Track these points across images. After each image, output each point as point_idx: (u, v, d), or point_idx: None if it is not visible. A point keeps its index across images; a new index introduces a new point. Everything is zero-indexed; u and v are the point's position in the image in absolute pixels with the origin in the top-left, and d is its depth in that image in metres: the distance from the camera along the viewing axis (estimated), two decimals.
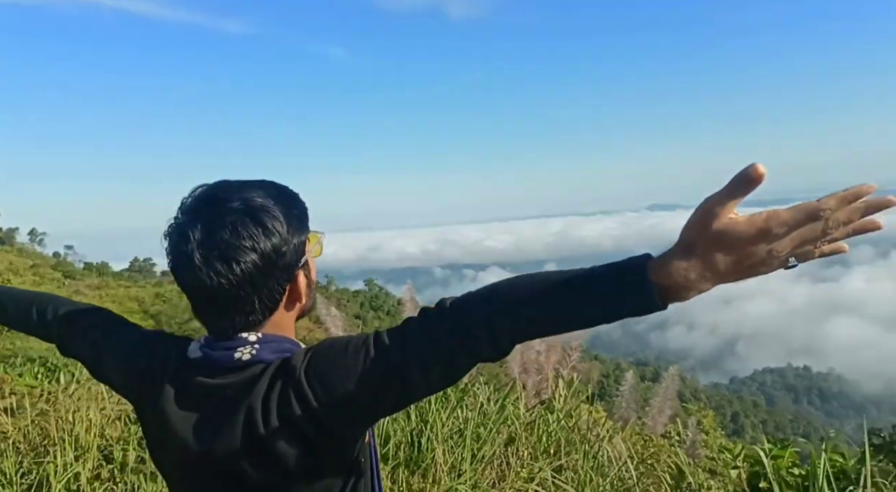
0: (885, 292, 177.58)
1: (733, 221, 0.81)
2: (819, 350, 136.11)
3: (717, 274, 0.83)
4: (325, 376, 0.99)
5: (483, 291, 0.99)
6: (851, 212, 0.80)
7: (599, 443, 3.91)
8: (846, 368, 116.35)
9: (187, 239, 0.99)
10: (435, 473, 3.46)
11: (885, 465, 3.38)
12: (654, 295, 0.85)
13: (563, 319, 0.93)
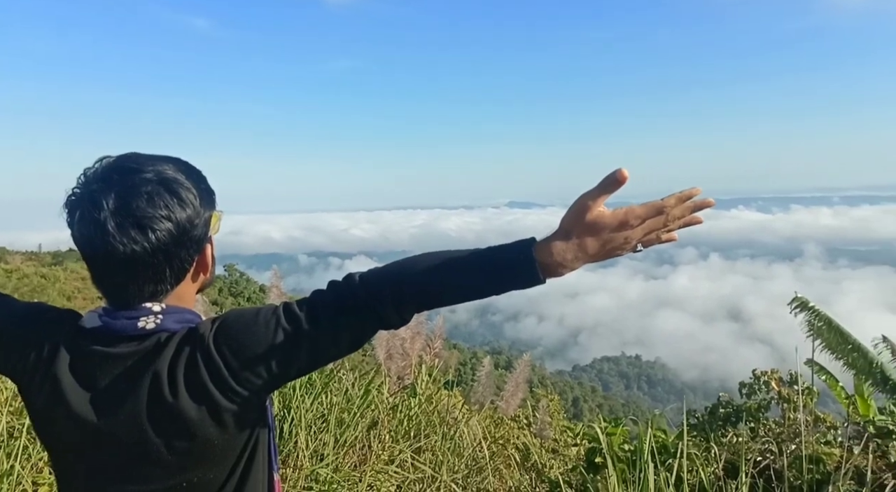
0: (704, 290, 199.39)
1: (601, 213, 1.02)
2: (649, 341, 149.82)
3: (587, 255, 1.05)
4: (235, 342, 1.03)
5: (390, 265, 1.11)
6: (684, 209, 1.06)
7: (457, 425, 4.12)
8: (670, 357, 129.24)
9: (99, 207, 0.99)
10: (297, 458, 3.47)
11: (698, 440, 3.89)
12: (537, 270, 1.04)
13: (461, 290, 1.08)
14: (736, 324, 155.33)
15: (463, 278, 1.07)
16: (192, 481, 1.07)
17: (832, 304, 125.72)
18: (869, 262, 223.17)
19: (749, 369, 4.55)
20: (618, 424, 3.96)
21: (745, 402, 4.50)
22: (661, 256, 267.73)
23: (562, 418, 6.33)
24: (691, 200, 1.05)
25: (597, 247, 1.04)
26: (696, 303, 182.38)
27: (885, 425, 3.66)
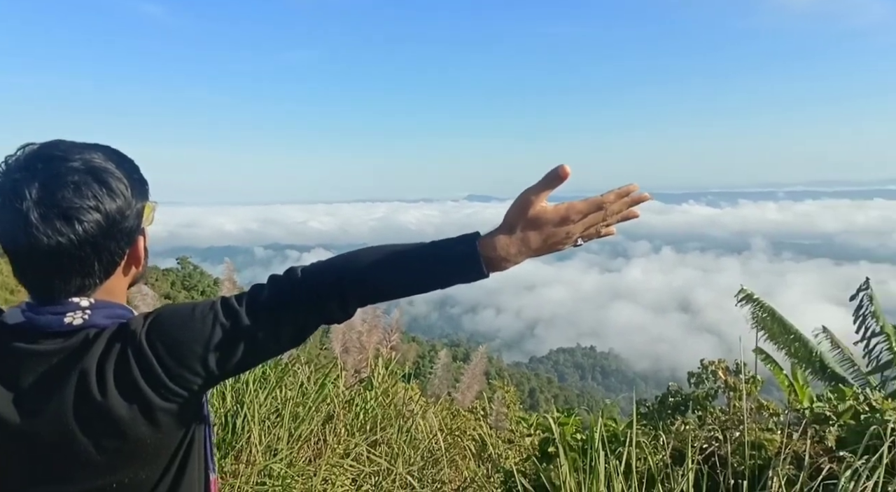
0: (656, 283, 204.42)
1: (544, 208, 1.05)
2: (603, 332, 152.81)
3: (530, 249, 1.07)
4: (169, 338, 0.99)
5: (333, 259, 1.10)
6: (622, 204, 1.10)
7: (413, 418, 4.14)
8: (623, 348, 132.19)
9: (21, 196, 0.94)
10: (250, 454, 3.43)
11: (647, 429, 3.99)
12: (482, 264, 1.05)
13: (404, 284, 1.09)
14: (686, 315, 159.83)
15: (407, 272, 1.08)
16: (123, 482, 1.03)
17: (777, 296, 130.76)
18: (811, 255, 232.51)
19: (698, 359, 4.68)
20: (570, 414, 4.03)
21: (694, 391, 4.63)
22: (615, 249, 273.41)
23: (518, 408, 6.41)
24: (629, 196, 1.10)
25: (539, 241, 1.06)
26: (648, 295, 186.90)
27: (823, 411, 3.83)
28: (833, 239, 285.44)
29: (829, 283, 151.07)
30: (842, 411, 3.81)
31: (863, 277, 6.18)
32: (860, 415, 3.78)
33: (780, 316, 6.09)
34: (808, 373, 5.83)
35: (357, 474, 3.57)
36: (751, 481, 2.95)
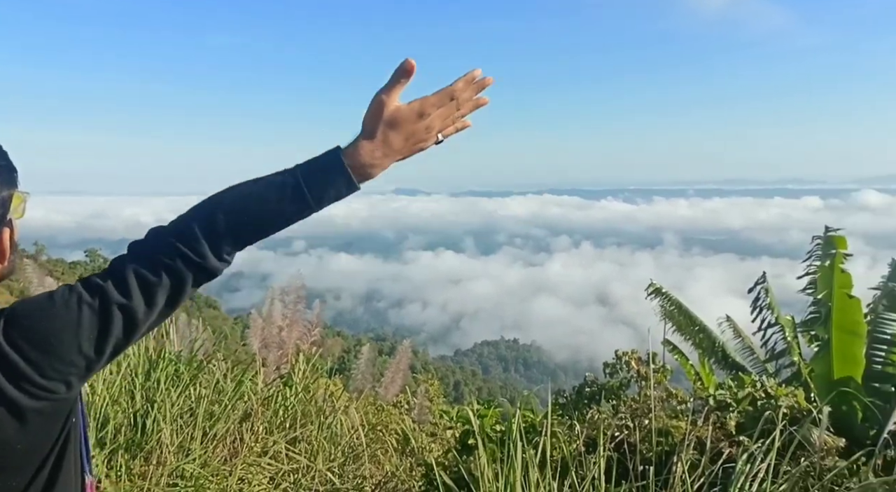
0: (576, 277, 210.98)
1: (398, 107, 1.06)
2: (526, 325, 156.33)
3: (394, 151, 1.08)
4: (31, 332, 0.91)
5: (190, 209, 1.04)
6: (471, 91, 1.12)
7: (334, 414, 4.10)
8: (545, 340, 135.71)
9: None
10: (160, 454, 3.30)
11: (563, 419, 4.12)
12: (349, 172, 1.04)
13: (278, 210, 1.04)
14: (604, 308, 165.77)
15: (278, 196, 1.03)
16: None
17: (686, 288, 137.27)
18: (718, 250, 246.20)
19: (614, 350, 4.88)
20: (491, 406, 4.11)
21: (608, 381, 4.83)
22: (538, 244, 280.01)
23: (441, 402, 6.47)
24: (475, 82, 1.11)
25: (401, 141, 1.07)
26: (569, 288, 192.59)
27: (724, 398, 4.08)
28: (738, 235, 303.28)
29: (734, 276, 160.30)
30: (741, 398, 4.07)
31: (767, 271, 6.60)
32: (757, 401, 4.06)
33: (687, 308, 6.43)
34: (712, 362, 6.19)
35: (275, 473, 3.50)
36: (657, 467, 3.10)
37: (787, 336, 5.86)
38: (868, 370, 5.31)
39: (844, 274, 5.40)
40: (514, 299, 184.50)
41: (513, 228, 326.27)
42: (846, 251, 5.47)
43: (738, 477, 2.77)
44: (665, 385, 4.57)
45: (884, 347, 5.44)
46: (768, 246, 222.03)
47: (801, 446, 3.25)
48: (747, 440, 3.25)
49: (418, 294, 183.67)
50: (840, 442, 3.60)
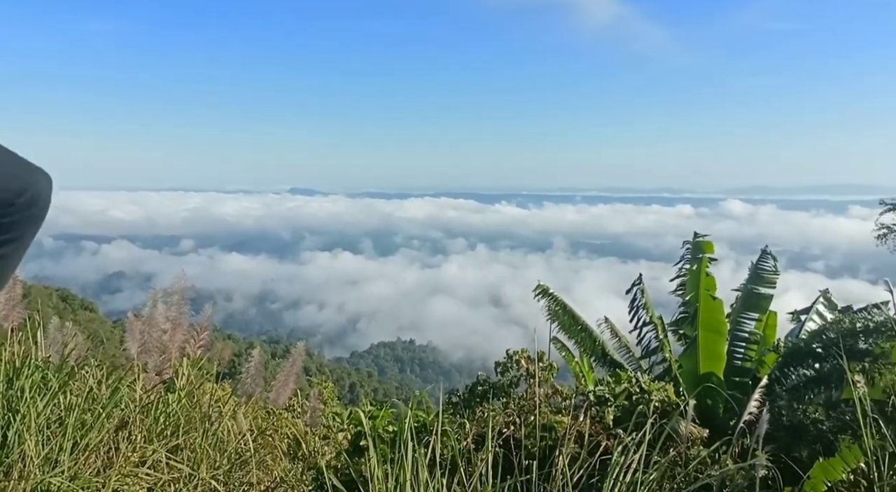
0: (471, 278, 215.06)
1: None
2: (422, 326, 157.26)
3: None
4: None
5: None
6: None
7: (221, 420, 3.95)
8: (440, 340, 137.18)
9: None
10: (23, 468, 3.04)
11: (454, 417, 4.22)
12: None
13: None
14: (497, 309, 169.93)
15: None
16: None
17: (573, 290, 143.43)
18: (602, 253, 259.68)
19: (505, 350, 5.04)
20: (383, 406, 4.13)
21: (499, 379, 4.99)
22: (435, 246, 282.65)
23: (335, 404, 6.40)
24: None
25: None
26: (464, 290, 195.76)
27: (603, 394, 4.33)
28: (620, 239, 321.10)
29: (616, 278, 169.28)
30: (618, 393, 4.34)
31: (644, 274, 7.08)
32: (633, 396, 4.35)
33: (571, 308, 6.76)
34: (593, 360, 6.56)
35: (154, 483, 3.33)
36: (541, 461, 3.24)
37: (660, 334, 6.32)
38: (729, 366, 5.83)
39: (709, 277, 5.89)
40: (411, 301, 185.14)
41: (410, 230, 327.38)
42: (712, 255, 5.98)
43: (613, 468, 2.95)
44: (552, 382, 4.79)
45: (743, 344, 6.00)
46: (646, 250, 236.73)
47: (670, 437, 3.52)
48: (623, 433, 3.47)
49: (315, 295, 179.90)
50: (704, 432, 3.93)
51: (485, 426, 3.63)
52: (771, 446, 3.57)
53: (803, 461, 4.18)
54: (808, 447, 4.18)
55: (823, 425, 4.25)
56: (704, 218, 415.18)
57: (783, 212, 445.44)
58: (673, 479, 3.26)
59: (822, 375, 5.09)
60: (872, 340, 4.76)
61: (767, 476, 3.31)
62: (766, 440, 3.38)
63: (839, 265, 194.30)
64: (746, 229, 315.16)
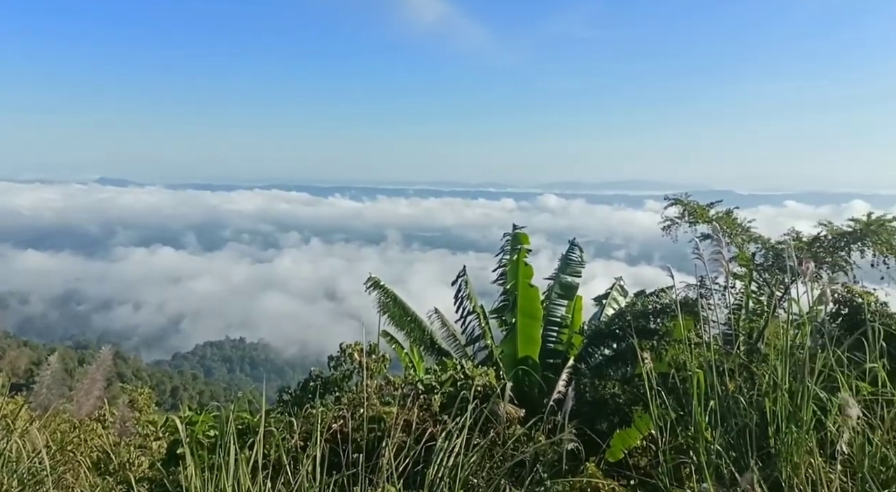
0: (306, 272, 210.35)
1: None
2: (253, 322, 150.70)
3: None
4: None
5: None
6: None
7: (9, 437, 3.50)
8: (273, 337, 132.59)
9: None
10: None
11: (281, 416, 4.12)
12: None
13: None
14: (332, 302, 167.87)
15: None
16: None
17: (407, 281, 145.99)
18: (433, 245, 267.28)
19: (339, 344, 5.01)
20: (204, 410, 3.92)
21: (333, 373, 4.96)
22: (267, 240, 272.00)
23: (153, 411, 5.94)
24: None
25: None
26: (298, 284, 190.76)
27: (430, 382, 4.49)
28: (450, 232, 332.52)
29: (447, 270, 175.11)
30: (444, 380, 4.52)
31: (472, 265, 7.42)
32: (457, 382, 4.55)
33: (402, 300, 6.91)
34: (423, 350, 6.76)
35: None
36: (369, 453, 3.28)
37: (483, 322, 6.68)
38: (543, 349, 6.32)
39: (527, 266, 6.33)
40: (241, 297, 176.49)
41: (239, 224, 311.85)
42: (528, 246, 6.43)
43: (437, 453, 3.08)
44: (384, 373, 4.86)
45: (555, 328, 6.53)
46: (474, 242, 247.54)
47: (492, 419, 3.74)
48: (448, 419, 3.62)
49: (130, 295, 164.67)
50: (521, 412, 4.22)
51: (312, 423, 3.59)
52: (576, 420, 3.93)
53: (605, 432, 4.67)
54: (608, 420, 4.68)
55: (620, 398, 4.78)
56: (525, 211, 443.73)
57: (591, 205, 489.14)
58: (492, 458, 3.48)
59: (618, 353, 5.72)
60: (660, 320, 5.44)
61: (574, 449, 3.64)
62: (573, 416, 3.72)
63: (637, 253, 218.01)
64: (560, 221, 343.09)
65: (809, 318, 3.27)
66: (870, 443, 2.80)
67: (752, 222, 5.93)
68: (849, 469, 2.69)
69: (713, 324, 4.07)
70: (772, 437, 2.90)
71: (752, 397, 3.19)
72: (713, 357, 3.25)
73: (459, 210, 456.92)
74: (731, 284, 5.26)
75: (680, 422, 3.32)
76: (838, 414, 2.65)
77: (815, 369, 2.96)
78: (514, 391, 4.45)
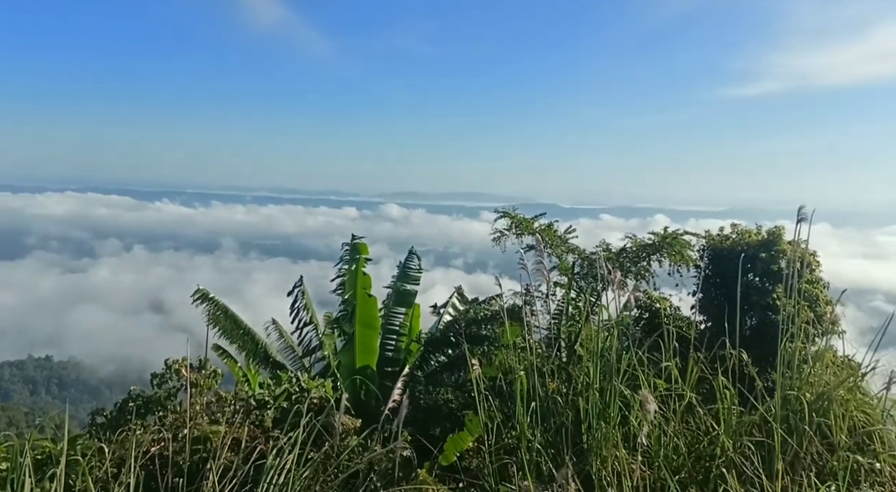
0: (128, 282, 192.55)
1: None
2: (63, 339, 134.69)
3: None
4: None
5: None
6: None
7: None
8: (86, 354, 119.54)
9: None
10: None
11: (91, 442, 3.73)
12: None
13: None
14: (159, 315, 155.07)
15: None
16: None
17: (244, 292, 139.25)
18: (273, 254, 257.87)
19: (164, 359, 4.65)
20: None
21: (156, 392, 4.58)
22: (80, 248, 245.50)
23: None
24: None
25: None
26: (118, 296, 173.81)
27: (263, 397, 4.33)
28: (291, 239, 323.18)
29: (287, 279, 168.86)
30: (278, 395, 4.38)
31: (314, 274, 7.26)
32: (293, 396, 4.43)
33: (233, 313, 6.59)
34: (257, 363, 6.50)
35: None
36: (192, 476, 3.09)
37: (320, 333, 6.58)
38: (382, 358, 6.36)
39: (365, 276, 6.35)
40: (48, 311, 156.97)
41: (47, 230, 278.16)
42: (367, 256, 6.45)
43: (267, 472, 2.97)
44: (216, 389, 4.58)
45: (394, 337, 6.60)
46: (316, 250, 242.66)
47: (328, 432, 3.68)
48: (281, 434, 3.51)
49: None
50: (357, 423, 4.20)
51: (127, 447, 3.30)
52: (410, 427, 4.00)
53: (438, 437, 4.79)
54: (441, 424, 4.82)
55: (453, 403, 4.95)
56: (368, 219, 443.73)
57: (431, 215, 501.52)
58: (326, 471, 3.43)
59: (452, 360, 5.92)
60: (490, 326, 5.72)
61: (409, 456, 3.70)
62: (408, 423, 3.78)
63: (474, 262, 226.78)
64: (402, 230, 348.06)
65: (617, 322, 3.62)
66: (665, 434, 3.17)
67: (573, 234, 6.46)
68: (647, 459, 3.02)
69: (536, 329, 4.36)
70: (585, 433, 3.17)
71: (569, 397, 3.47)
72: (535, 360, 3.48)
73: (300, 218, 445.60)
74: (552, 292, 5.68)
75: (506, 423, 3.52)
76: (639, 409, 2.96)
77: (620, 369, 3.29)
78: (351, 402, 4.43)
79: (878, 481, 3.06)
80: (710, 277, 5.90)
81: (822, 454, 3.11)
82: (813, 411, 3.18)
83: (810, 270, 5.51)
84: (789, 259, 4.65)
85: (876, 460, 3.12)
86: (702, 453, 3.19)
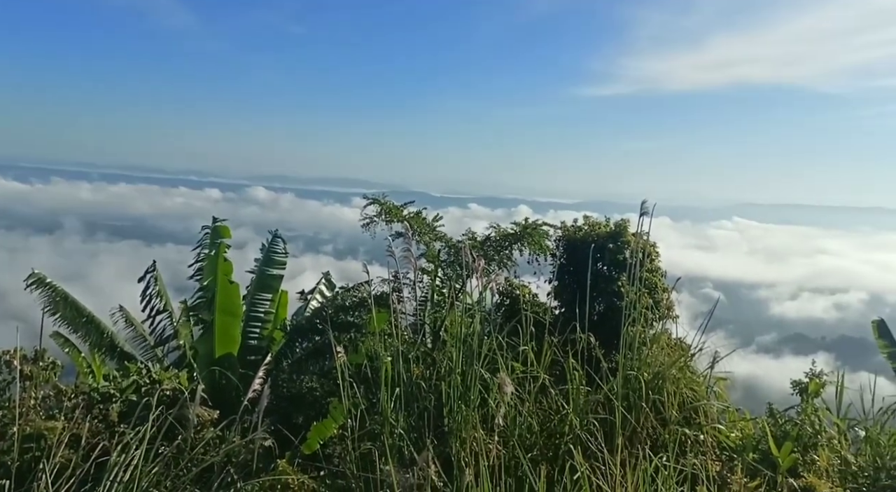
0: None
1: None
2: None
3: None
4: None
5: None
6: None
7: None
8: None
9: None
10: None
11: None
12: None
13: None
14: None
15: None
16: None
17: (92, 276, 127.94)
18: (124, 236, 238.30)
19: None
20: None
21: None
22: None
23: None
24: None
25: None
26: None
27: (108, 389, 4.01)
28: (145, 221, 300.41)
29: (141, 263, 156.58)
30: (125, 387, 4.09)
31: (171, 258, 6.80)
32: (142, 388, 4.15)
33: (74, 299, 6.04)
34: (103, 354, 5.99)
35: None
36: (22, 477, 2.81)
37: (174, 321, 6.21)
38: (244, 346, 6.12)
39: (227, 262, 6.06)
40: None
41: None
42: (229, 241, 6.16)
43: (110, 469, 2.77)
44: (54, 382, 4.19)
45: (258, 324, 6.38)
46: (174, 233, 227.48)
47: (180, 425, 3.49)
48: (128, 429, 3.28)
49: None
50: (214, 414, 4.02)
51: None
52: (272, 417, 3.91)
53: (302, 426, 4.72)
54: (305, 413, 4.74)
55: (317, 391, 4.89)
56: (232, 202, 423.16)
57: (300, 200, 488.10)
58: (178, 466, 3.26)
59: (318, 347, 5.84)
60: (358, 313, 5.70)
61: (271, 446, 3.61)
62: (269, 412, 3.69)
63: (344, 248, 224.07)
64: (270, 215, 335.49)
65: (479, 308, 3.76)
66: (520, 414, 3.35)
67: (441, 222, 6.60)
68: (503, 439, 3.17)
69: (403, 316, 4.41)
70: (446, 416, 3.27)
71: (433, 382, 3.56)
72: (401, 346, 3.53)
73: (156, 198, 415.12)
74: (419, 279, 5.77)
75: (371, 410, 3.54)
76: (497, 392, 3.10)
77: (481, 353, 3.42)
78: (210, 393, 4.23)
79: (702, 450, 3.45)
80: (565, 265, 6.29)
81: (656, 428, 3.44)
82: (649, 389, 3.51)
83: (651, 259, 6.02)
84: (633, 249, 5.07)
85: (700, 432, 3.52)
86: (552, 431, 3.41)
